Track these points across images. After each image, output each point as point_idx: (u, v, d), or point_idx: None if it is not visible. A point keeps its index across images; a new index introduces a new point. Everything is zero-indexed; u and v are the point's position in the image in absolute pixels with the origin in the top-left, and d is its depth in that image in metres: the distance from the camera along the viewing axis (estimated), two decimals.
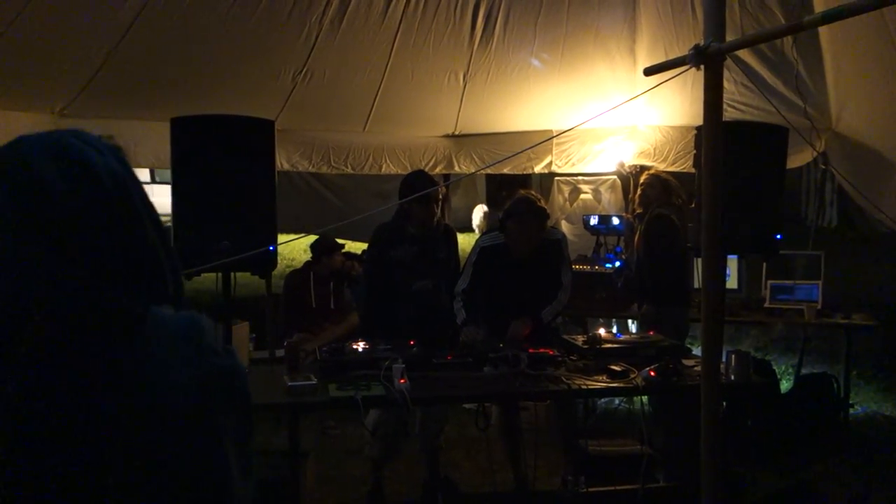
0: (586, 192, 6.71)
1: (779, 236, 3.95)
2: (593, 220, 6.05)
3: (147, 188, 1.19)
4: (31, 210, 1.00)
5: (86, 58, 4.73)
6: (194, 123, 3.47)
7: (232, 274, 3.65)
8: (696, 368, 3.63)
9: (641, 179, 5.35)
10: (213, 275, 3.60)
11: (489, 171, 6.70)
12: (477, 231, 7.39)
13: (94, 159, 1.05)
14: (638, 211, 5.29)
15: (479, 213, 7.61)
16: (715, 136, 2.40)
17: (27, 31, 4.23)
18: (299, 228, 8.10)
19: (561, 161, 6.42)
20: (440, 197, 4.45)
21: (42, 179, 1.00)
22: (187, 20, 4.67)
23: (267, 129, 3.56)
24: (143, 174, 13.57)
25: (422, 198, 4.12)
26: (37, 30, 4.28)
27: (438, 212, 4.39)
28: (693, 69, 2.40)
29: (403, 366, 3.35)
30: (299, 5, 4.83)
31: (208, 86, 5.36)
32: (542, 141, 6.00)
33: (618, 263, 5.79)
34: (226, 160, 3.43)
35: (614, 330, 5.71)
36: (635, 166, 6.23)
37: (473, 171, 6.74)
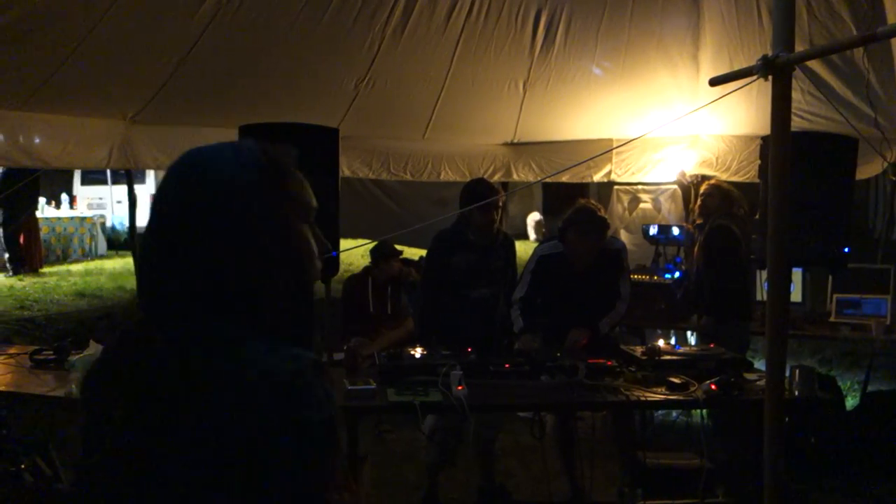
0: (646, 202, 6.64)
1: (846, 249, 3.85)
2: (653, 230, 5.98)
3: None
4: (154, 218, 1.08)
5: (157, 66, 4.88)
6: (262, 131, 3.55)
7: None
8: (758, 383, 3.56)
9: (702, 189, 5.26)
10: None
11: (548, 179, 6.67)
12: (533, 238, 7.38)
13: (236, 182, 1.07)
14: (698, 221, 5.20)
15: (531, 221, 7.59)
16: (783, 148, 2.36)
17: (102, 40, 4.38)
18: (357, 233, 8.21)
19: (620, 170, 6.38)
20: (500, 205, 4.48)
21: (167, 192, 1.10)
22: (255, 30, 4.79)
23: (332, 136, 3.64)
24: None
25: (482, 205, 4.15)
26: (111, 39, 4.43)
27: (498, 219, 4.41)
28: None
29: (461, 372, 3.37)
30: (363, 15, 4.91)
31: (274, 93, 5.48)
32: (603, 152, 5.98)
33: (677, 274, 5.72)
34: None
35: (673, 341, 5.63)
36: (697, 176, 6.14)
37: (532, 179, 6.74)
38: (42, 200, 11.63)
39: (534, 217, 9.78)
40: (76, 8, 4.12)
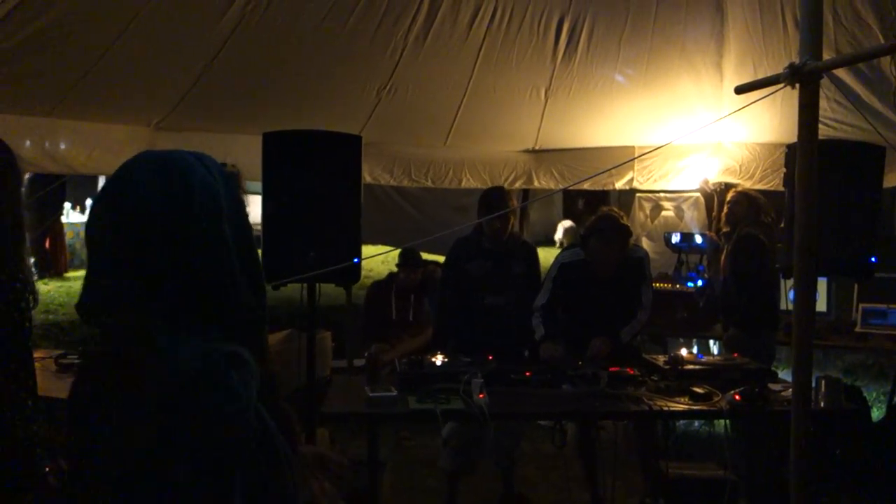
0: (668, 209, 6.60)
1: (873, 258, 3.80)
2: (675, 238, 5.94)
3: None
4: (123, 213, 1.13)
5: (182, 74, 4.93)
6: (285, 138, 3.58)
7: (316, 285, 3.73)
8: (783, 393, 3.52)
9: (728, 196, 5.19)
10: (297, 285, 3.69)
11: (570, 188, 6.64)
12: (559, 245, 7.35)
13: (195, 178, 1.16)
14: (725, 230, 5.13)
15: (561, 228, 7.57)
16: (810, 156, 2.33)
17: (128, 48, 4.43)
18: (378, 239, 8.21)
19: (643, 177, 6.34)
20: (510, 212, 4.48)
21: (139, 184, 1.15)
22: (278, 38, 4.82)
23: (354, 144, 3.65)
24: None
25: (491, 212, 4.19)
26: (137, 47, 4.48)
27: (510, 226, 4.41)
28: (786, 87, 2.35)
29: (482, 380, 3.36)
30: (386, 22, 4.93)
31: (296, 99, 5.51)
32: (625, 162, 5.95)
33: (700, 282, 5.67)
34: (314, 174, 3.53)
35: (695, 350, 5.59)
36: (720, 184, 6.09)
37: (553, 187, 6.71)
38: (67, 205, 11.77)
39: (564, 224, 9.75)
40: (102, 17, 4.17)
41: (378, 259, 8.93)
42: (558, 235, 7.24)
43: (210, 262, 1.13)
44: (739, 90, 2.62)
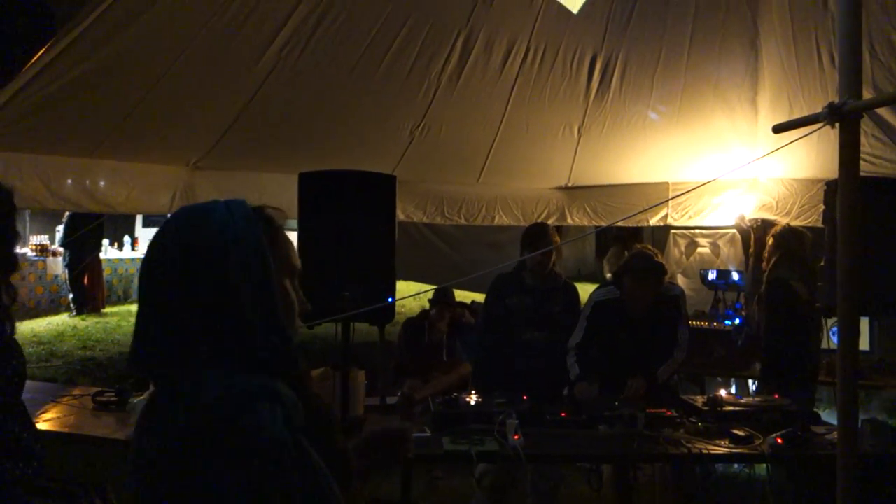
0: (704, 246, 6.53)
1: None
2: (711, 275, 5.87)
3: None
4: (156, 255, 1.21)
5: (219, 115, 5.03)
6: (321, 178, 3.62)
7: (350, 323, 3.74)
8: (827, 436, 3.43)
9: (772, 231, 5.05)
10: (332, 322, 3.70)
11: (602, 223, 6.62)
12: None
13: (216, 218, 1.20)
14: (764, 266, 5.00)
15: (607, 264, 7.51)
16: (852, 196, 2.29)
17: (168, 90, 4.53)
18: (411, 277, 8.22)
19: (677, 214, 6.29)
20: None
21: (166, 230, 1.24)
22: (313, 80, 4.90)
23: (389, 183, 3.68)
24: None
25: (532, 249, 4.19)
26: (177, 90, 4.58)
27: (552, 262, 4.40)
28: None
29: (517, 421, 3.32)
30: (420, 63, 4.99)
31: (330, 139, 5.58)
32: (660, 203, 5.92)
33: (737, 320, 5.58)
34: (349, 213, 3.56)
35: (734, 390, 5.47)
36: (756, 220, 6.02)
37: (587, 223, 6.69)
38: (105, 242, 11.99)
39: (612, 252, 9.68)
40: (143, 62, 4.28)
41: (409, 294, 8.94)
42: (607, 270, 7.13)
43: (229, 302, 1.16)
44: (777, 129, 2.60)
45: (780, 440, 3.32)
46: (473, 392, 3.88)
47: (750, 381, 5.77)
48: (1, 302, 2.16)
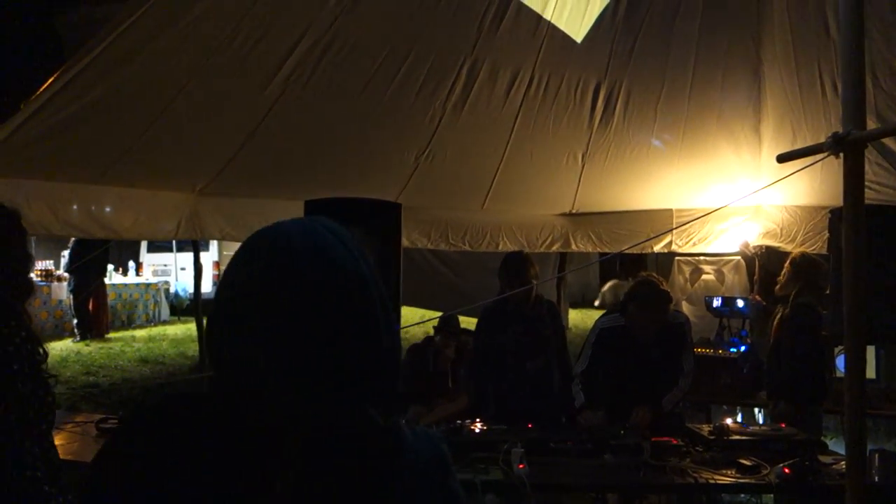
0: (708, 273, 6.53)
1: None
2: (716, 302, 5.86)
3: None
4: (282, 295, 0.95)
5: (225, 142, 5.06)
6: (326, 205, 3.64)
7: None
8: (834, 466, 3.40)
9: (790, 258, 4.97)
10: None
11: (607, 249, 6.62)
12: (601, 305, 7.29)
13: (342, 257, 1.00)
14: (779, 294, 4.89)
15: (610, 290, 7.51)
16: (857, 224, 2.30)
17: (175, 118, 4.57)
18: (414, 302, 8.21)
19: (681, 240, 6.30)
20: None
21: (296, 268, 0.96)
22: (319, 107, 4.94)
23: (395, 211, 3.70)
24: None
25: (511, 276, 4.22)
26: (184, 117, 4.62)
27: (532, 290, 4.36)
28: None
29: (523, 450, 3.30)
30: (425, 91, 5.03)
31: (335, 166, 5.60)
32: (664, 232, 5.91)
33: (743, 348, 5.56)
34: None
35: (739, 418, 5.44)
36: (760, 247, 6.02)
37: (591, 249, 6.70)
38: (110, 267, 12.03)
39: (613, 287, 9.59)
40: (151, 89, 4.31)
41: (413, 321, 8.93)
42: (604, 298, 7.13)
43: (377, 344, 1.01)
44: (781, 159, 2.62)
45: (787, 470, 3.29)
46: (478, 420, 3.87)
47: (756, 410, 5.73)
48: (29, 326, 2.11)
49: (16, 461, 1.97)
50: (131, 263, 13.79)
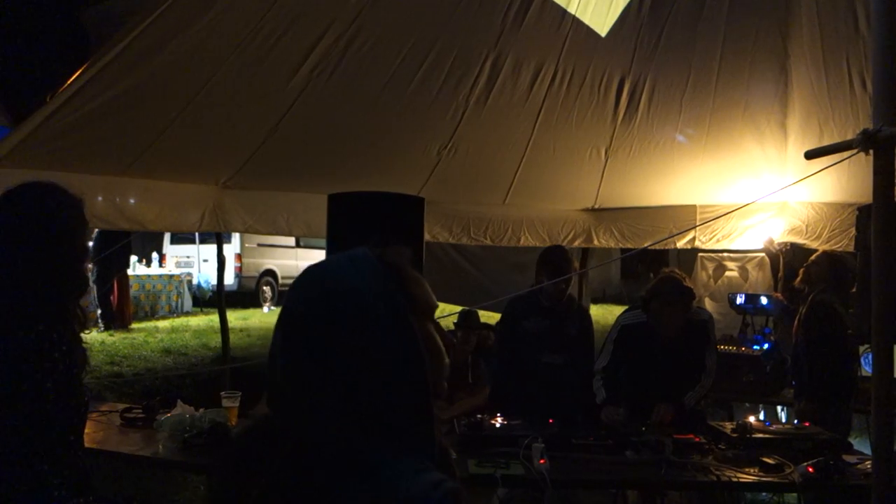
0: (732, 269, 6.48)
1: None
2: (740, 299, 5.82)
3: (291, 251, 1.18)
4: (319, 331, 1.03)
5: (249, 136, 5.08)
6: (350, 199, 3.65)
7: None
8: (859, 466, 3.37)
9: (812, 256, 4.96)
10: None
11: (629, 245, 6.58)
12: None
13: (377, 310, 1.04)
14: (801, 289, 4.88)
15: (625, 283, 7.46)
16: (887, 223, 2.26)
17: (199, 111, 4.59)
18: (436, 296, 8.19)
19: (705, 237, 6.23)
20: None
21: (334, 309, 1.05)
22: (342, 101, 4.94)
23: (418, 205, 3.69)
24: (290, 239, 14.31)
25: (553, 273, 4.19)
26: (208, 111, 4.64)
27: (568, 287, 4.40)
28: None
29: (544, 446, 3.30)
30: (448, 85, 5.01)
31: (358, 160, 5.61)
32: (687, 229, 5.84)
33: (766, 345, 5.51)
34: (378, 235, 3.56)
35: (762, 416, 5.40)
36: (785, 243, 5.95)
37: (613, 245, 6.66)
38: (133, 259, 12.14)
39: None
40: (176, 83, 4.34)
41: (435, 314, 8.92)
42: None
43: (415, 374, 1.03)
44: (810, 155, 2.58)
45: (811, 469, 3.26)
46: (499, 415, 3.87)
47: (779, 408, 5.68)
48: (76, 330, 2.03)
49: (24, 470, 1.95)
50: (154, 255, 13.90)
